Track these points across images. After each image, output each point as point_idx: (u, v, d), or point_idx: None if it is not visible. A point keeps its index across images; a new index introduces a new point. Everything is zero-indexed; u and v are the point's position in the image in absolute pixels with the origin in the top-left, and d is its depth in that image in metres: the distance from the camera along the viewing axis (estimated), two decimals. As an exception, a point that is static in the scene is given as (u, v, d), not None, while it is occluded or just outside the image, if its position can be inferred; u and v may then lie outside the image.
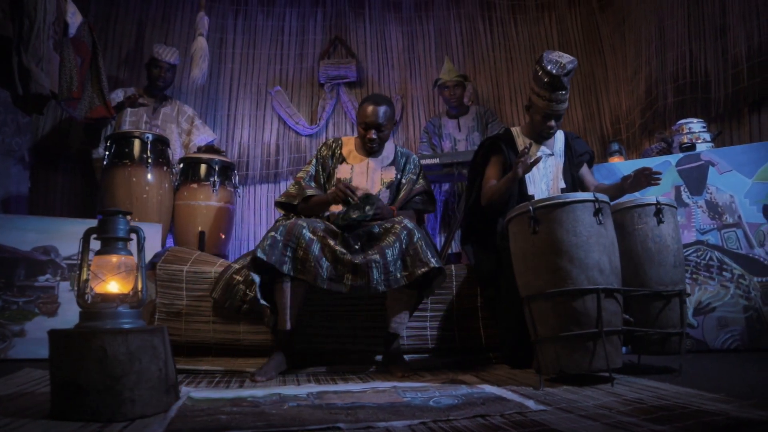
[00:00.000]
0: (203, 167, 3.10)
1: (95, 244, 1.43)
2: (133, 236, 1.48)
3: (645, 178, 2.02)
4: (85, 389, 1.26)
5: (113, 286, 1.43)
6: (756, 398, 1.27)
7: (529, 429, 1.10)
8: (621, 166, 2.61)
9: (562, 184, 2.26)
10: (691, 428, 1.04)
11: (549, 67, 2.05)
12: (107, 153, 2.94)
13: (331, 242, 1.94)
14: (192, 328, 2.21)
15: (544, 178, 2.27)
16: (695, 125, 2.72)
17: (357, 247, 2.01)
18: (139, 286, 1.46)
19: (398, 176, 2.32)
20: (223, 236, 3.16)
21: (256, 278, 1.97)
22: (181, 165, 3.14)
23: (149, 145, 2.95)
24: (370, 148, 2.28)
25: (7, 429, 1.16)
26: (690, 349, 2.21)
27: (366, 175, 2.28)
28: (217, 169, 3.10)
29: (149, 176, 2.93)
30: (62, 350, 1.30)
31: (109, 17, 4.03)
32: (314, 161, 2.35)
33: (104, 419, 1.25)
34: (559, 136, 2.34)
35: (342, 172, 2.30)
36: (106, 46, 3.91)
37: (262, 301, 2.00)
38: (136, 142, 2.94)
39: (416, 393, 1.52)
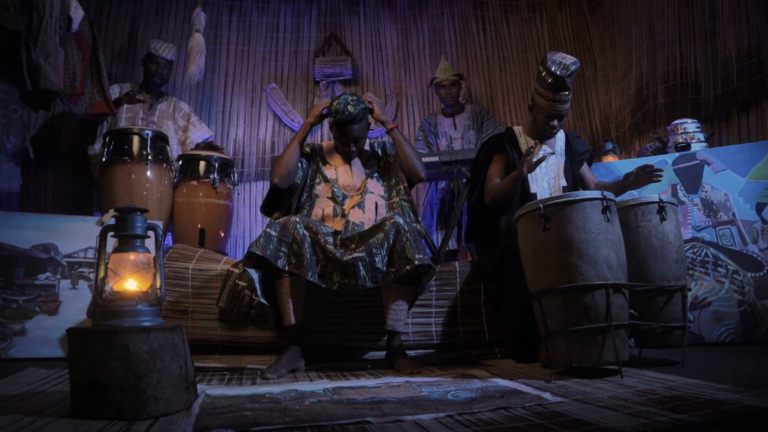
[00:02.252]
0: (202, 164, 3.07)
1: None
2: (151, 233, 1.48)
3: (647, 176, 2.08)
4: (108, 387, 1.26)
5: (131, 283, 1.43)
6: (763, 388, 1.33)
7: (552, 420, 1.14)
8: (619, 164, 2.67)
9: (564, 183, 2.30)
10: (710, 416, 1.09)
11: (553, 68, 2.09)
12: (106, 149, 2.90)
13: (323, 240, 1.98)
14: (198, 325, 2.20)
15: (546, 177, 2.31)
16: (690, 125, 2.79)
17: (352, 246, 2.04)
18: (158, 284, 1.45)
19: (382, 162, 2.41)
20: (222, 233, 3.14)
21: (254, 273, 1.99)
22: (180, 162, 3.12)
23: (149, 142, 2.92)
24: (350, 156, 2.37)
25: (32, 428, 1.15)
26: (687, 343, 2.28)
27: (350, 172, 2.35)
28: (216, 166, 3.08)
29: (149, 173, 2.90)
30: (83, 348, 1.29)
31: (102, 12, 3.96)
32: None
33: (128, 417, 1.25)
34: (560, 135, 2.38)
35: (327, 173, 2.36)
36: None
37: (262, 300, 2.02)
38: (136, 139, 2.91)
39: (432, 387, 1.54)
